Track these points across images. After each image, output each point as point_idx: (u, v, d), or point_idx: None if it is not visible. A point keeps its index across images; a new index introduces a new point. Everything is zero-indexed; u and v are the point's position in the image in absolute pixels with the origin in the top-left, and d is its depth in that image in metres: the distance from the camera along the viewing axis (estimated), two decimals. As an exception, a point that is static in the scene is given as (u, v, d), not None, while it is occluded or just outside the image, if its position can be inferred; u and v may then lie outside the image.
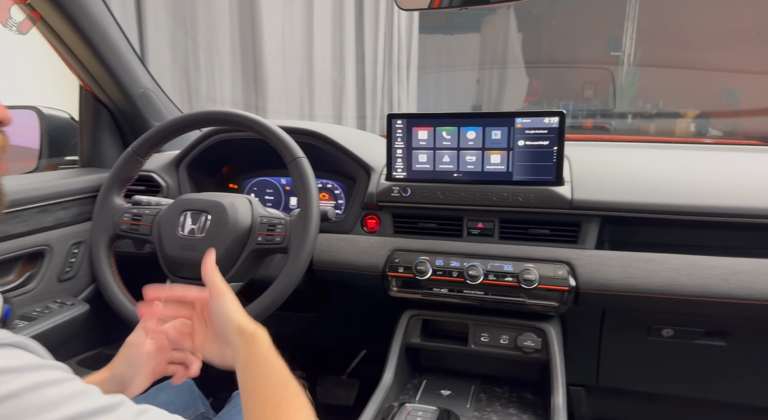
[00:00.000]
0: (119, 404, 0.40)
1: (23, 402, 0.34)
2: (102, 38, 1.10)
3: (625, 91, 5.22)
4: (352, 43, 4.12)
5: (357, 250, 1.10)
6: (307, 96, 3.92)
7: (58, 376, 0.37)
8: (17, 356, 0.36)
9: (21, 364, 0.36)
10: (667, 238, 1.02)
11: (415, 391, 1.10)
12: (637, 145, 1.32)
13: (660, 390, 1.14)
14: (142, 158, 0.99)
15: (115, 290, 0.94)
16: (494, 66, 5.64)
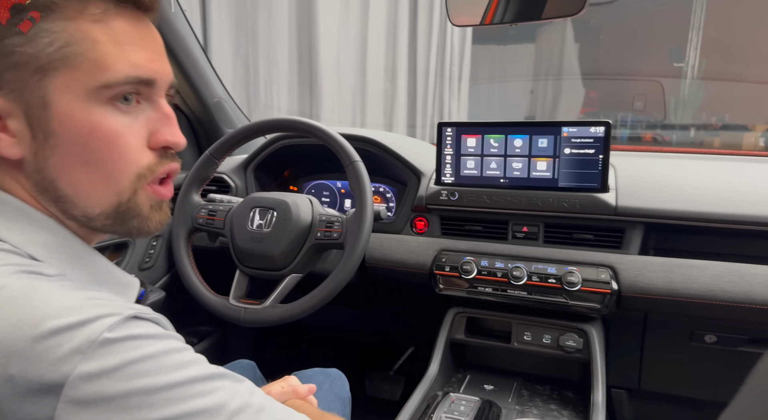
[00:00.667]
0: (225, 373, 0.47)
1: (158, 362, 0.41)
2: (185, 52, 1.23)
3: (687, 104, 5.07)
4: (405, 55, 4.23)
5: (406, 249, 1.17)
6: (360, 105, 4.05)
7: (182, 346, 0.45)
8: (155, 327, 0.44)
9: (157, 332, 0.43)
10: (711, 247, 1.04)
11: (459, 384, 1.16)
12: (683, 156, 1.34)
13: (703, 396, 1.15)
14: (218, 160, 1.11)
15: (192, 277, 1.05)
16: (549, 76, 5.61)
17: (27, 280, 0.42)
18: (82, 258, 0.50)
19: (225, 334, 1.47)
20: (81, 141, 0.47)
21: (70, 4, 0.45)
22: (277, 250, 1.02)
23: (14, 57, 0.44)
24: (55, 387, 0.37)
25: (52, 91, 0.45)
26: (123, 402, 0.39)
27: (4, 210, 0.47)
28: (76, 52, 0.45)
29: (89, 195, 0.49)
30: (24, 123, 0.46)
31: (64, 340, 0.38)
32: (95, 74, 0.46)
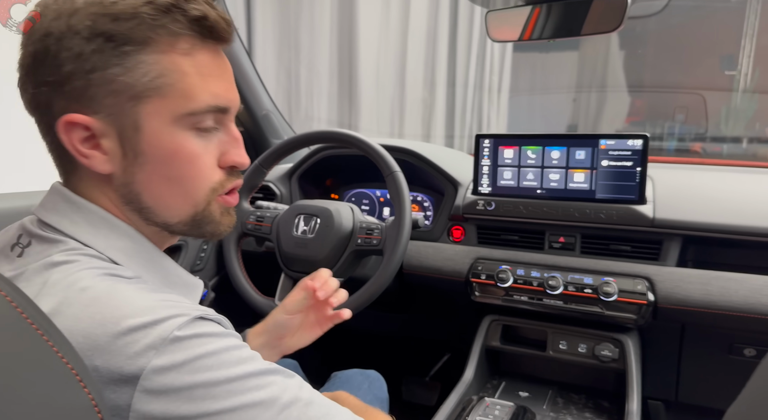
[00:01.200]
0: (278, 369, 0.51)
1: (220, 358, 0.45)
2: (238, 69, 1.31)
3: (740, 114, 4.90)
4: (444, 65, 4.26)
5: (443, 256, 1.21)
6: (398, 115, 4.10)
7: (240, 343, 0.49)
8: (217, 327, 0.49)
9: (220, 331, 0.47)
10: (750, 260, 1.03)
11: (494, 390, 1.18)
12: (723, 169, 1.33)
13: None
14: (266, 170, 1.17)
15: (242, 280, 1.12)
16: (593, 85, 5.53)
17: (109, 281, 0.47)
18: (155, 262, 0.56)
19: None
20: (165, 160, 0.53)
21: (163, 39, 0.50)
22: (320, 255, 1.07)
23: (114, 85, 0.49)
24: (132, 378, 0.42)
25: (144, 116, 0.51)
26: (189, 393, 0.43)
27: (91, 219, 0.53)
28: (167, 82, 0.50)
29: (169, 206, 0.55)
30: (116, 143, 0.51)
31: (140, 337, 0.43)
32: (182, 103, 0.51)
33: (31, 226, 0.53)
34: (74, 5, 0.48)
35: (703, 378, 1.14)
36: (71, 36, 0.48)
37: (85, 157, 0.51)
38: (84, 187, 0.54)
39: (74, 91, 0.49)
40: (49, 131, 0.52)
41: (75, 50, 0.48)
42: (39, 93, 0.50)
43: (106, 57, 0.48)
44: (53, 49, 0.48)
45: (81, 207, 0.53)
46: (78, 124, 0.50)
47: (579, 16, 1.04)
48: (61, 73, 0.48)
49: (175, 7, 0.49)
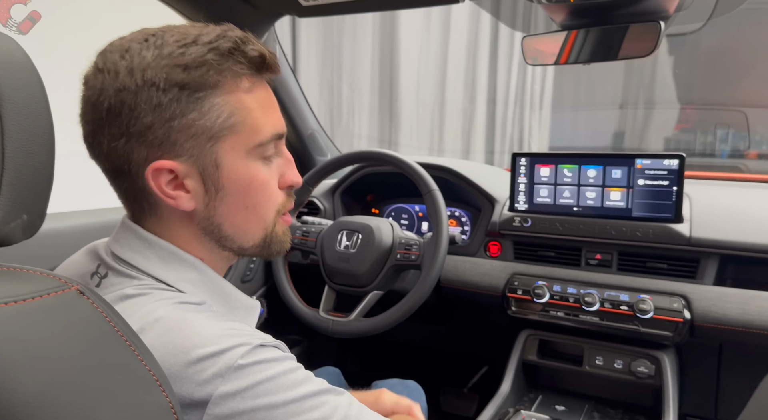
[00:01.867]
0: (329, 388, 0.55)
1: (278, 382, 0.49)
2: (286, 91, 1.39)
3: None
4: (485, 80, 4.27)
5: (480, 271, 1.25)
6: (438, 131, 4.14)
7: (296, 366, 0.53)
8: (276, 352, 0.52)
9: (277, 356, 0.51)
10: None
11: (531, 404, 1.21)
12: (764, 186, 1.31)
13: None
14: (312, 187, 1.25)
15: (288, 291, 1.19)
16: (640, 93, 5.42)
17: (180, 311, 0.52)
18: (219, 289, 0.61)
19: (312, 343, 1.60)
20: (243, 191, 0.58)
21: (228, 81, 0.54)
22: (362, 269, 1.13)
23: (193, 129, 0.53)
24: (201, 403, 0.47)
25: (222, 154, 0.55)
26: (252, 416, 0.48)
27: (162, 254, 0.57)
28: (238, 120, 0.55)
29: (246, 232, 0.61)
30: (199, 181, 0.56)
31: (208, 366, 0.47)
32: (252, 136, 0.56)
33: (107, 257, 0.58)
34: (145, 60, 0.51)
35: (743, 396, 1.13)
36: (147, 89, 0.51)
37: (172, 198, 0.55)
38: (161, 225, 0.58)
39: (156, 139, 0.53)
40: (126, 178, 0.55)
41: (153, 102, 0.51)
42: (117, 145, 0.53)
43: (183, 104, 0.52)
44: (130, 102, 0.51)
45: (152, 244, 0.57)
46: (164, 169, 0.54)
47: (614, 40, 1.07)
48: (142, 123, 0.52)
49: (236, 50, 0.54)
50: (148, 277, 0.56)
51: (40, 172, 0.43)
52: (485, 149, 4.29)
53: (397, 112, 3.81)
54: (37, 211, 0.45)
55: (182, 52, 0.52)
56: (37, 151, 0.43)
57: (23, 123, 0.41)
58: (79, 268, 0.60)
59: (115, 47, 0.54)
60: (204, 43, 0.53)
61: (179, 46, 0.52)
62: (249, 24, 1.24)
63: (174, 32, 0.54)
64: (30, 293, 0.39)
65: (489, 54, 4.21)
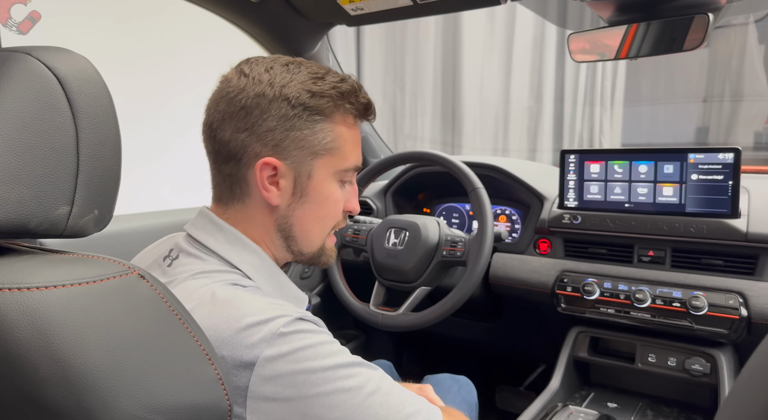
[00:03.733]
0: (363, 362, 0.60)
1: (316, 350, 0.55)
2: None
3: None
4: (552, 77, 4.19)
5: (529, 268, 1.26)
6: (502, 131, 4.09)
7: (332, 339, 0.59)
8: (313, 326, 0.58)
9: (315, 329, 0.58)
10: None
11: (582, 400, 1.20)
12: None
13: None
14: (363, 187, 1.31)
15: (341, 286, 1.26)
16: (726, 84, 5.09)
17: (232, 290, 0.60)
18: (274, 277, 0.70)
19: (369, 338, 1.66)
20: (320, 203, 0.69)
21: (339, 115, 0.68)
22: (409, 265, 1.17)
23: (303, 142, 0.66)
24: (249, 365, 0.53)
25: (317, 168, 0.67)
26: (293, 378, 0.53)
27: (230, 239, 0.67)
28: (336, 146, 0.68)
29: (310, 238, 0.72)
30: (291, 183, 0.67)
31: (255, 332, 0.54)
32: (341, 162, 0.69)
33: (182, 242, 0.68)
34: (285, 79, 0.64)
35: None
36: (281, 101, 0.64)
37: (266, 190, 0.66)
38: (243, 212, 0.68)
39: (273, 140, 0.64)
40: (234, 164, 0.66)
41: (282, 112, 0.64)
42: (239, 136, 0.64)
43: (302, 121, 0.65)
44: (264, 106, 0.63)
45: (224, 229, 0.67)
46: (270, 165, 0.65)
47: (662, 35, 1.06)
48: (267, 125, 0.64)
49: (352, 94, 0.68)
50: (215, 258, 0.65)
51: (108, 173, 0.51)
52: (553, 148, 4.19)
53: (460, 114, 3.82)
54: (106, 207, 0.53)
55: (314, 81, 0.65)
56: (106, 155, 0.51)
57: (95, 131, 0.49)
58: (155, 253, 0.71)
59: (260, 62, 0.67)
60: (330, 81, 0.66)
61: (312, 77, 0.66)
62: (304, 33, 1.32)
63: (308, 65, 0.67)
64: (98, 276, 0.46)
65: (556, 51, 4.13)
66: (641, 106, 5.17)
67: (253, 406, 0.54)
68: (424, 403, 0.63)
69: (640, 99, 5.09)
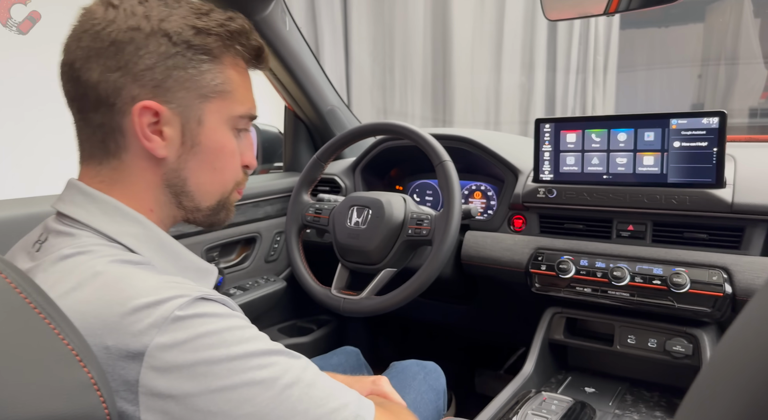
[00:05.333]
0: (282, 350, 0.53)
1: (221, 337, 0.48)
2: (300, 67, 1.36)
3: None
4: (544, 47, 4.07)
5: (502, 247, 1.18)
6: (494, 104, 4.00)
7: (244, 323, 0.52)
8: (220, 307, 0.51)
9: (222, 311, 0.51)
10: None
11: (558, 385, 1.13)
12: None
13: None
14: (324, 163, 1.22)
15: (302, 269, 1.18)
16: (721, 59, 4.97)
17: (119, 267, 0.52)
18: (166, 247, 0.60)
19: (341, 323, 1.59)
20: (215, 153, 0.62)
21: (229, 57, 0.61)
22: (372, 246, 1.09)
23: (188, 83, 0.58)
24: (138, 355, 0.46)
25: (207, 112, 0.60)
26: (192, 370, 0.46)
27: (104, 208, 0.57)
28: (228, 89, 0.61)
29: (207, 192, 0.64)
30: (178, 132, 0.59)
31: (144, 316, 0.47)
32: (235, 106, 0.62)
33: (51, 222, 0.59)
34: (163, 13, 0.57)
35: None
36: (160, 36, 0.56)
37: (148, 140, 0.57)
38: (120, 170, 0.59)
39: (153, 81, 0.56)
40: (106, 111, 0.57)
41: (162, 49, 0.56)
42: (110, 77, 0.55)
43: (186, 60, 0.57)
44: (139, 42, 0.55)
45: (96, 198, 0.58)
46: (150, 110, 0.56)
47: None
48: (144, 63, 0.55)
49: (242, 35, 0.61)
50: (89, 231, 0.56)
51: None
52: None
53: (451, 86, 3.73)
54: None
55: (198, 17, 0.58)
56: None
57: None
58: (26, 240, 0.62)
59: None
60: (217, 18, 0.60)
61: (194, 12, 0.59)
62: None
63: (189, 2, 0.60)
64: None
65: (548, 23, 4.01)
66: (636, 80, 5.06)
67: (147, 403, 0.46)
68: (354, 397, 0.56)
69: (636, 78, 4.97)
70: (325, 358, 1.16)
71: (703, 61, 4.99)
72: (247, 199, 1.36)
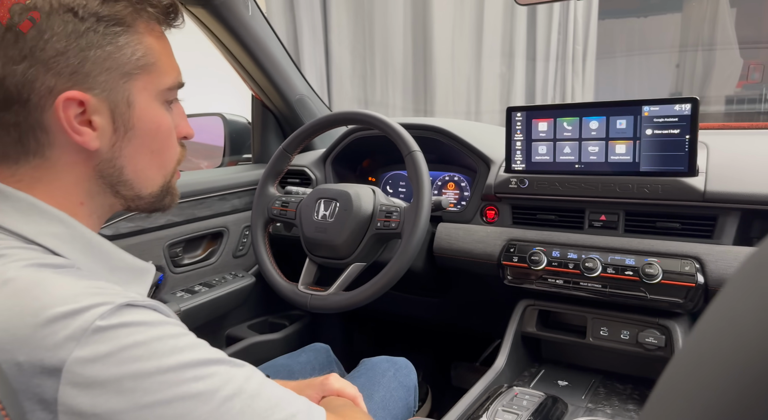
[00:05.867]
0: (223, 359, 0.48)
1: (150, 348, 0.44)
2: (264, 53, 1.32)
3: None
4: (524, 37, 4.06)
5: (474, 238, 1.15)
6: (474, 94, 3.98)
7: (177, 331, 0.47)
8: (149, 314, 0.46)
9: (151, 319, 0.46)
10: None
11: (531, 379, 1.12)
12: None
13: None
14: (291, 154, 1.18)
15: (267, 265, 1.14)
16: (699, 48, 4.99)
17: (34, 272, 0.46)
18: (94, 247, 0.54)
19: (315, 318, 1.56)
20: (151, 134, 0.57)
21: (143, 23, 0.55)
22: (340, 240, 1.06)
23: (108, 62, 0.52)
24: (54, 370, 0.41)
25: (135, 92, 0.55)
26: (117, 385, 0.42)
27: (19, 206, 0.51)
28: (150, 61, 0.55)
29: (148, 178, 0.59)
30: (108, 119, 0.53)
31: (60, 328, 0.42)
32: (162, 79, 0.57)
33: None
34: None
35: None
36: (63, 13, 0.49)
37: (78, 133, 0.52)
38: (45, 168, 0.53)
39: (68, 68, 0.50)
40: (21, 108, 0.50)
41: (69, 28, 0.49)
42: (16, 69, 0.49)
43: (99, 35, 0.51)
44: (40, 24, 0.48)
45: (9, 196, 0.51)
46: (74, 101, 0.51)
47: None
48: (53, 48, 0.49)
49: None
50: (3, 234, 0.50)
51: None
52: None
53: (432, 77, 3.70)
54: None
55: None
56: None
57: None
58: None
59: None
60: None
61: None
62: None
63: None
64: None
65: (527, 12, 3.98)
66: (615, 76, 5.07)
67: None
68: (303, 405, 0.52)
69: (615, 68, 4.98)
70: (293, 356, 1.13)
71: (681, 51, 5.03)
72: (213, 192, 1.31)
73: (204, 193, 1.29)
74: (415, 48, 3.67)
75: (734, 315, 0.20)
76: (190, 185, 1.25)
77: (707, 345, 0.22)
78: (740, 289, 0.21)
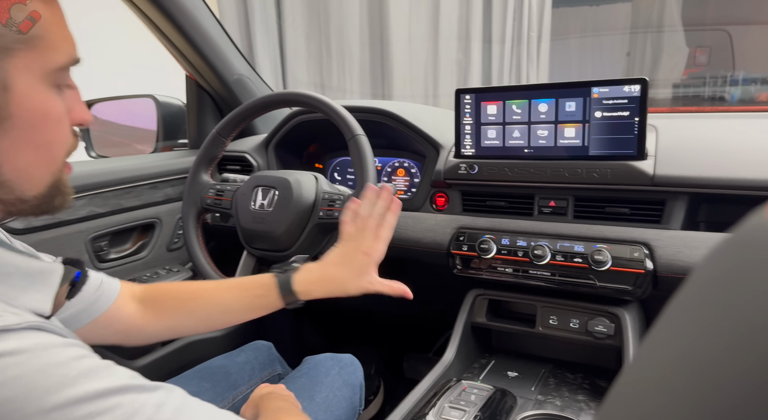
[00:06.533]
0: (130, 385, 0.42)
1: (30, 383, 0.37)
2: (198, 32, 1.22)
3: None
4: (480, 22, 4.04)
5: (423, 227, 1.10)
6: (432, 78, 3.95)
7: (72, 355, 0.40)
8: (33, 337, 0.39)
9: (35, 344, 0.39)
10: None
11: (481, 370, 1.08)
12: (743, 116, 1.14)
13: None
14: (225, 139, 1.09)
15: (200, 258, 1.06)
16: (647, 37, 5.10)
17: None
18: None
19: (263, 314, 1.48)
20: (35, 124, 0.47)
21: None
22: (279, 230, 0.99)
23: None
24: None
25: (14, 72, 0.44)
26: None
27: None
28: (36, 33, 0.45)
29: (32, 178, 0.49)
30: None
31: None
32: (51, 56, 0.46)
33: None
34: None
35: None
36: None
37: None
38: None
39: None
40: None
41: None
42: None
43: (4, 25, 0.43)
44: None
45: None
46: None
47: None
48: None
49: None
50: None
51: None
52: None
53: (389, 62, 3.64)
54: None
55: None
56: None
57: None
58: None
59: None
60: None
61: None
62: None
63: None
64: None
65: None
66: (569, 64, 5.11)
67: None
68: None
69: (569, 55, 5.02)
70: (230, 356, 1.05)
71: (631, 40, 5.12)
72: (142, 180, 1.22)
73: (131, 181, 1.19)
74: (371, 31, 3.60)
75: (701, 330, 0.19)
76: (115, 172, 1.15)
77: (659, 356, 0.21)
78: (709, 302, 0.19)
